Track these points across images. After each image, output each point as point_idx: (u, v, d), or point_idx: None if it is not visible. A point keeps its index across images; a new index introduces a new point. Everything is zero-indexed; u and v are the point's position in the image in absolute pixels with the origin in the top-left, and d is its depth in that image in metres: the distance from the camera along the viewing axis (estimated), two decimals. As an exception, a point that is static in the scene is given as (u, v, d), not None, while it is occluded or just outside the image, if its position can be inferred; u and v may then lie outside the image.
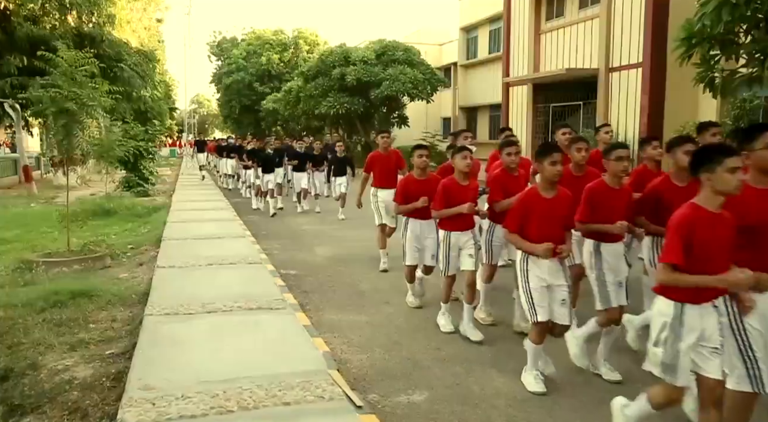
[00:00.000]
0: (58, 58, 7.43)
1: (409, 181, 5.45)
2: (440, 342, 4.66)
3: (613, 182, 3.99)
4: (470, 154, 4.83)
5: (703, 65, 8.08)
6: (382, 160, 7.29)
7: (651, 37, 15.54)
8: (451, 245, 4.85)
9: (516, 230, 3.83)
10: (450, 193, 4.73)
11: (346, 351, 4.47)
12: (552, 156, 3.71)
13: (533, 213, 3.80)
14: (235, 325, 4.57)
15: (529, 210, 3.83)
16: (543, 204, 3.81)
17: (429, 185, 5.19)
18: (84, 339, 4.61)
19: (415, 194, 5.30)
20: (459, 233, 4.84)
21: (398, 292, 6.15)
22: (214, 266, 6.67)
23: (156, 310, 4.87)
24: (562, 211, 3.85)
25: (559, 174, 3.76)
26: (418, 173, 5.44)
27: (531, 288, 3.81)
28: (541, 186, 3.86)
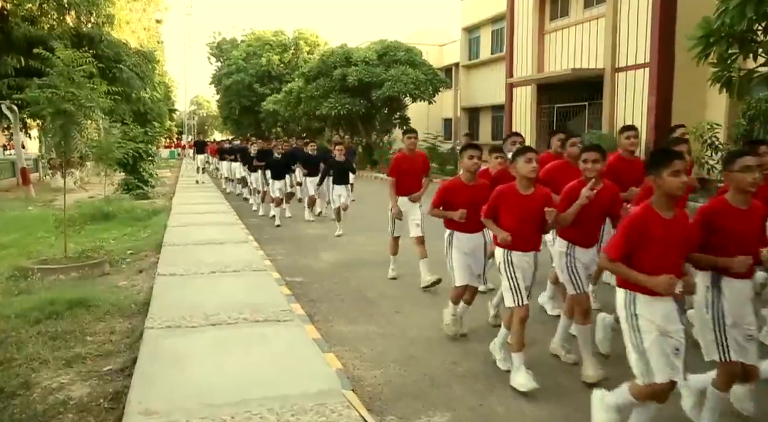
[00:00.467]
0: (55, 58, 7.18)
1: (454, 186, 4.68)
2: (457, 357, 4.41)
3: (737, 200, 3.07)
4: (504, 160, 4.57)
5: (720, 64, 7.85)
6: (407, 163, 6.53)
7: (658, 37, 15.30)
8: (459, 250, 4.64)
9: (619, 257, 2.92)
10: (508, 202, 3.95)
11: (359, 366, 4.22)
12: (673, 165, 2.83)
13: (650, 237, 2.89)
14: (240, 339, 4.31)
15: (646, 232, 2.89)
16: (662, 225, 2.90)
17: (477, 193, 4.57)
18: (80, 353, 4.35)
19: (459, 202, 4.58)
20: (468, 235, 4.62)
21: (408, 300, 5.91)
22: (216, 273, 6.41)
23: (157, 323, 4.60)
24: (683, 234, 2.95)
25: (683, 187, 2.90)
26: (467, 177, 4.68)
27: (646, 345, 2.87)
28: (657, 202, 2.92)
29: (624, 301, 2.99)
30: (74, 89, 7.20)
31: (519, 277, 3.88)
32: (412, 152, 6.57)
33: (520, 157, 3.86)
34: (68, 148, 7.47)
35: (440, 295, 6.01)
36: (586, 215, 3.88)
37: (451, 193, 4.66)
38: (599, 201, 3.88)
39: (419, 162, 6.59)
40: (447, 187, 4.70)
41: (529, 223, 3.88)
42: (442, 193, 4.69)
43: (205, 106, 75.57)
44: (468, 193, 4.61)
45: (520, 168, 3.86)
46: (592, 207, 3.86)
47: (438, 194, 4.70)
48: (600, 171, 3.91)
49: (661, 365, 2.83)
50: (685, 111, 15.23)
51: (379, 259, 7.88)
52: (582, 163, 3.97)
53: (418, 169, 6.55)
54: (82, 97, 7.28)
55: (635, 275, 2.87)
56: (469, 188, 4.63)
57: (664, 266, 2.82)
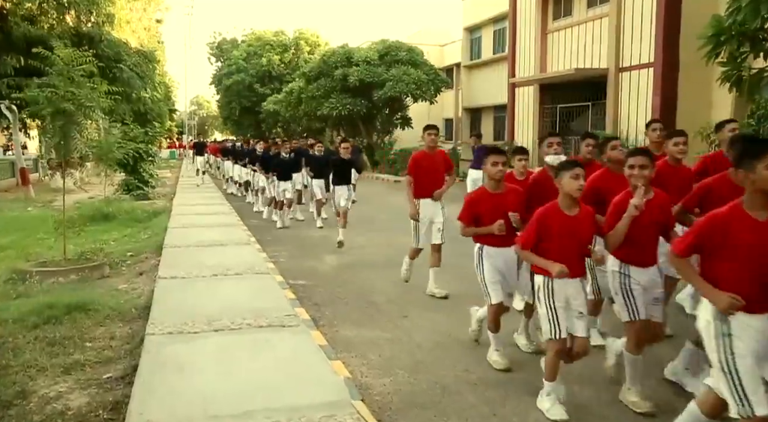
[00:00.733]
0: (55, 57, 7.05)
1: (479, 197, 4.29)
2: (468, 363, 4.28)
3: None
4: None
5: (730, 63, 7.71)
6: (427, 161, 6.02)
7: (663, 36, 15.16)
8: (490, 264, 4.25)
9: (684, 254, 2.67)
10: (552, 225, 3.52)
11: (367, 374, 4.08)
12: None
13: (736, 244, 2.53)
14: (245, 346, 4.17)
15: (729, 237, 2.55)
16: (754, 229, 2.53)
17: (506, 201, 4.20)
18: (79, 360, 4.22)
19: (486, 213, 4.20)
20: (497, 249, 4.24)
21: (415, 304, 5.77)
22: (218, 276, 6.27)
23: (158, 328, 4.47)
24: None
25: None
26: (492, 185, 4.25)
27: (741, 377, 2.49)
28: (749, 202, 2.56)
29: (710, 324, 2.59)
30: (74, 89, 7.08)
31: (559, 307, 3.46)
32: (432, 150, 6.09)
33: (565, 173, 3.42)
34: (68, 149, 7.34)
35: (448, 299, 5.88)
36: (638, 229, 3.42)
37: (476, 205, 4.26)
38: (650, 212, 3.45)
39: (440, 160, 6.12)
40: (472, 199, 4.32)
41: (575, 248, 3.48)
42: (469, 208, 4.30)
43: (205, 106, 75.46)
44: (494, 202, 4.21)
45: (565, 185, 3.42)
46: (642, 219, 3.41)
47: (465, 210, 4.30)
48: (649, 178, 3.47)
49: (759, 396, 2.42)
50: (690, 111, 15.09)
51: (383, 261, 7.76)
52: (628, 169, 3.52)
53: (439, 167, 6.07)
54: (81, 97, 7.16)
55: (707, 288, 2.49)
56: (495, 197, 4.24)
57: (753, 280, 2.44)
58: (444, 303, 5.78)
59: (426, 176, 5.99)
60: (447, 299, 5.89)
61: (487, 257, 4.27)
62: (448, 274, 6.33)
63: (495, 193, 4.26)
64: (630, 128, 16.35)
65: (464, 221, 4.31)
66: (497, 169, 4.18)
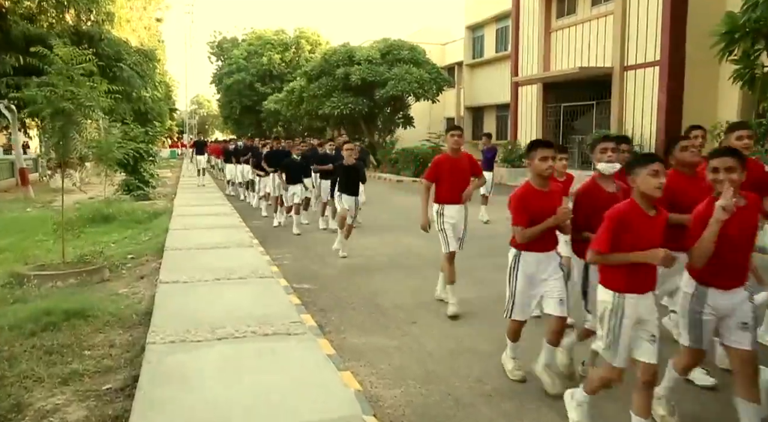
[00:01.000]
0: (54, 56, 6.89)
1: (528, 193, 3.79)
2: (481, 373, 4.12)
3: None
4: None
5: (743, 61, 7.58)
6: (452, 165, 5.47)
7: (669, 34, 15.01)
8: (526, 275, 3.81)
9: None
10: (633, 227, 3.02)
11: (377, 384, 3.93)
12: None
13: None
14: (250, 356, 4.01)
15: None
16: None
17: (553, 201, 3.75)
18: (78, 370, 4.06)
19: (533, 213, 3.73)
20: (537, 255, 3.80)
21: (424, 310, 5.61)
22: (221, 281, 6.11)
23: (159, 337, 4.31)
24: None
25: None
26: (540, 183, 3.78)
27: None
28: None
29: None
30: (73, 88, 6.92)
31: (627, 329, 2.97)
32: (456, 153, 5.51)
33: (640, 169, 2.92)
34: (67, 149, 7.18)
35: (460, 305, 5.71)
36: (725, 242, 2.89)
37: (527, 203, 3.75)
38: (740, 221, 2.93)
39: (465, 164, 5.55)
40: (521, 195, 3.77)
41: None
42: (520, 204, 3.76)
43: (205, 105, 75.34)
44: (543, 201, 3.73)
45: (641, 183, 2.92)
46: (730, 230, 2.89)
47: (516, 208, 3.77)
48: (739, 183, 2.94)
49: None
50: (696, 110, 14.95)
51: (388, 264, 7.61)
52: (711, 173, 2.98)
53: (465, 172, 5.53)
54: (81, 96, 7.00)
55: None
56: (543, 196, 3.76)
57: None
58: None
59: (451, 181, 5.47)
60: (462, 305, 5.71)
61: (524, 265, 3.82)
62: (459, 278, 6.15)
63: (543, 192, 3.77)
64: (635, 127, 16.20)
65: (522, 225, 3.74)
66: (547, 165, 3.69)
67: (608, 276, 3.06)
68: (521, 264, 3.83)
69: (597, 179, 3.80)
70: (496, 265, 7.34)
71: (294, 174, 10.24)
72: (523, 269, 3.82)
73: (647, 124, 15.95)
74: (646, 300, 3.00)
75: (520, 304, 3.86)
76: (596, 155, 3.80)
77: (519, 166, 20.30)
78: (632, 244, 2.92)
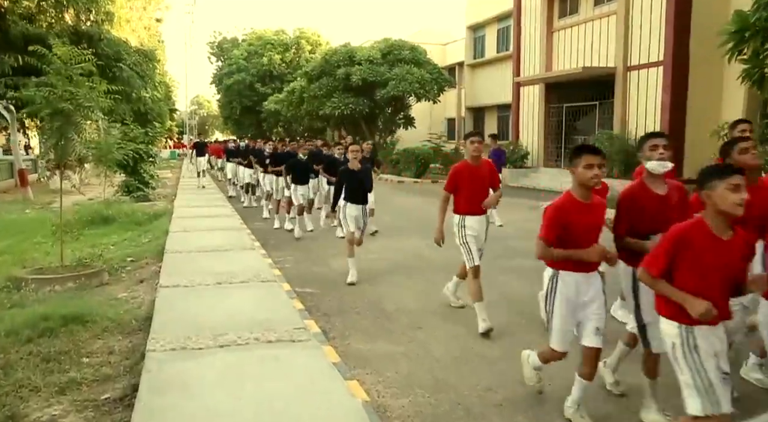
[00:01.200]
0: (52, 55, 6.77)
1: (568, 205, 3.24)
2: (492, 381, 4.00)
3: None
4: None
5: (752, 61, 7.46)
6: (472, 174, 5.09)
7: (673, 34, 14.90)
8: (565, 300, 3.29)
9: None
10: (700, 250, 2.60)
11: (383, 392, 3.80)
12: None
13: None
14: (253, 364, 3.88)
15: None
16: None
17: (596, 216, 3.27)
18: (75, 378, 3.94)
19: (575, 228, 3.21)
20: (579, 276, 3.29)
21: (430, 314, 5.50)
22: (223, 285, 5.98)
23: (159, 344, 4.18)
24: None
25: None
26: (584, 194, 3.24)
27: None
28: None
29: None
30: (72, 88, 6.80)
31: (709, 368, 2.55)
32: (476, 160, 5.13)
33: (717, 182, 2.51)
34: (65, 150, 7.06)
35: (465, 309, 5.60)
36: None
37: (564, 217, 3.21)
38: None
39: (485, 173, 5.18)
40: (560, 206, 3.24)
41: (726, 285, 2.62)
42: (557, 216, 3.22)
43: (205, 105, 75.26)
44: (583, 214, 3.22)
45: (718, 199, 2.50)
46: None
47: (550, 220, 3.23)
48: None
49: None
50: (700, 110, 14.84)
51: (392, 267, 7.49)
52: None
53: (484, 181, 5.17)
54: (80, 97, 6.88)
55: None
56: (584, 208, 3.23)
57: None
58: (460, 313, 5.50)
59: (471, 190, 5.08)
60: (463, 308, 5.61)
61: (563, 288, 3.27)
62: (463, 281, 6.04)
63: (584, 204, 3.23)
64: (639, 128, 16.07)
65: (548, 239, 3.23)
66: (592, 173, 3.13)
67: (670, 305, 2.63)
68: (559, 286, 3.29)
69: (645, 180, 3.37)
70: (505, 268, 7.25)
71: (300, 174, 9.88)
72: (562, 292, 3.29)
73: (651, 125, 15.82)
74: (718, 332, 2.62)
75: (560, 333, 3.33)
76: (645, 153, 3.36)
77: (521, 166, 20.19)
78: (697, 272, 2.55)
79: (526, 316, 5.33)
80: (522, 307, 5.59)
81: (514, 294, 6.14)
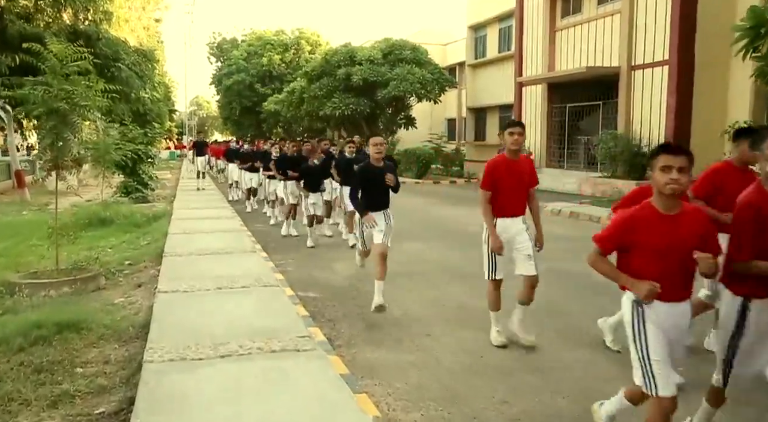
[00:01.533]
0: (48, 53, 6.56)
1: (645, 215, 2.60)
2: (506, 393, 3.80)
3: None
4: None
5: (765, 58, 7.27)
6: (510, 169, 4.48)
7: (678, 33, 14.71)
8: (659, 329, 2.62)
9: None
10: None
11: (394, 406, 3.60)
12: None
13: None
14: (256, 377, 3.67)
15: None
16: None
17: (682, 230, 2.56)
18: (68, 390, 3.73)
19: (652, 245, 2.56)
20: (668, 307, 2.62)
21: (438, 320, 5.30)
22: (224, 290, 5.78)
23: (157, 354, 3.97)
24: None
25: None
26: (665, 204, 2.56)
27: None
28: None
29: None
30: (68, 86, 6.60)
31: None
32: (515, 155, 4.51)
33: None
34: (61, 151, 6.86)
35: (473, 314, 5.39)
36: None
37: (635, 228, 2.59)
38: None
39: (525, 168, 4.58)
40: (629, 219, 2.62)
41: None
42: (621, 230, 2.63)
43: (205, 106, 75.09)
44: (667, 230, 2.55)
45: None
46: None
47: (615, 227, 2.66)
48: None
49: None
50: (706, 110, 14.65)
51: (397, 270, 7.26)
52: None
53: (523, 178, 4.54)
54: (76, 96, 6.68)
55: None
56: (668, 222, 2.56)
57: None
58: (469, 320, 5.30)
59: (508, 189, 4.48)
60: (475, 314, 5.41)
61: (652, 318, 2.61)
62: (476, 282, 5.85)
63: (667, 216, 2.56)
64: (643, 128, 15.89)
65: (608, 251, 2.69)
66: (668, 178, 2.49)
67: None
68: (648, 314, 2.62)
69: (765, 185, 2.74)
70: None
71: (313, 181, 9.11)
72: (651, 323, 2.61)
73: (655, 125, 15.65)
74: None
75: (662, 374, 2.55)
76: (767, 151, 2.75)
77: None
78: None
79: (539, 325, 5.12)
80: (535, 314, 5.39)
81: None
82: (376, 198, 5.52)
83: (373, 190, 5.51)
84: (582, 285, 6.50)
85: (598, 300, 6.08)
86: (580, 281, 6.62)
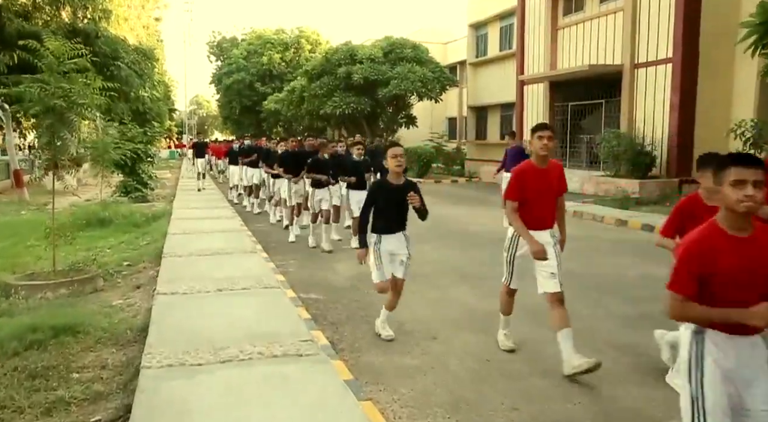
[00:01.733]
0: (44, 50, 6.44)
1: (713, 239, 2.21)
2: (515, 398, 3.68)
3: None
4: None
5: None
6: (538, 177, 4.12)
7: (682, 31, 14.58)
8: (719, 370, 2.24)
9: None
10: None
11: (400, 413, 3.48)
12: None
13: None
14: (258, 383, 3.55)
15: None
16: None
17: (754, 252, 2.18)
18: (64, 397, 3.61)
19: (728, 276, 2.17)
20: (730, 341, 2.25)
21: (444, 323, 5.18)
22: (224, 292, 5.65)
23: (155, 360, 3.86)
24: None
25: None
26: (734, 222, 2.20)
27: None
28: None
29: None
30: (65, 84, 6.47)
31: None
32: (544, 161, 4.14)
33: None
34: (58, 150, 6.73)
35: (477, 316, 5.28)
36: None
37: (706, 255, 2.18)
38: None
39: (554, 175, 4.19)
40: (696, 242, 2.22)
41: None
42: (693, 259, 2.19)
43: (205, 105, 74.97)
44: (740, 251, 2.17)
45: None
46: None
47: (682, 261, 2.21)
48: None
49: None
50: (710, 109, 14.53)
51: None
52: None
53: (551, 187, 4.18)
54: (74, 93, 6.55)
55: None
56: (740, 245, 2.18)
57: None
58: (476, 323, 5.18)
59: (534, 201, 4.11)
60: (480, 316, 5.29)
61: (713, 355, 2.24)
62: (481, 284, 5.73)
63: (739, 238, 2.18)
64: (647, 127, 15.76)
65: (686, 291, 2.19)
66: (741, 195, 2.11)
67: None
68: (707, 350, 2.26)
69: None
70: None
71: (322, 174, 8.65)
72: (711, 362, 2.24)
73: (659, 124, 15.53)
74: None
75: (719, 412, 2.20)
76: None
77: None
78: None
79: (545, 326, 5.00)
80: (544, 319, 5.27)
81: (535, 304, 5.80)
82: (391, 219, 4.67)
83: (388, 210, 4.63)
84: (586, 285, 6.39)
85: (604, 300, 5.99)
86: (584, 281, 6.52)
